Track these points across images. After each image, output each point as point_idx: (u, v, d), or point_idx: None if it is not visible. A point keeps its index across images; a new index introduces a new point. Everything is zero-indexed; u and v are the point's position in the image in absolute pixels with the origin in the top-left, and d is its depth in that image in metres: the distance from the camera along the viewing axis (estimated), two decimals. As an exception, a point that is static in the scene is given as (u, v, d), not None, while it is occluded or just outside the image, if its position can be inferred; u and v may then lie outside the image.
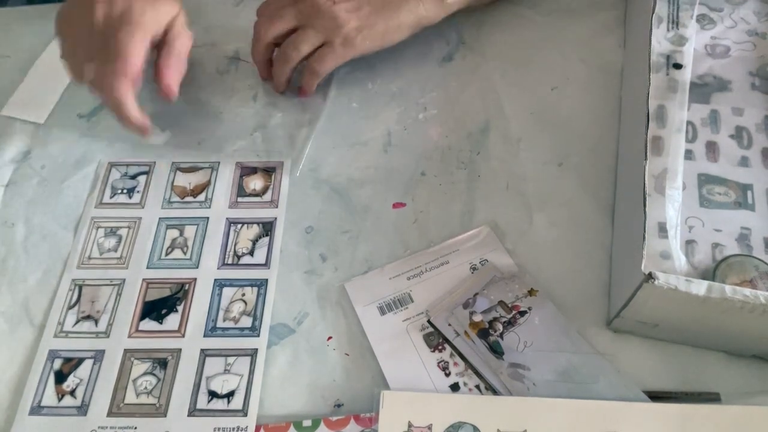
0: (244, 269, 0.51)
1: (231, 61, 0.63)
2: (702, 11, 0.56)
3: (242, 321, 0.48)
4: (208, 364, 0.46)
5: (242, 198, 0.55)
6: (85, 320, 0.49)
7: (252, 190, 0.55)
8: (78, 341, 0.48)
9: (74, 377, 0.46)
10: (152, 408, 0.45)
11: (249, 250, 0.52)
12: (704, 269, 0.44)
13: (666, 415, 0.41)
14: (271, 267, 0.51)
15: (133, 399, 0.45)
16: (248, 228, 0.53)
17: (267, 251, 0.51)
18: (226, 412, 0.44)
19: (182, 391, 0.45)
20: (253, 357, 0.46)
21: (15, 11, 0.70)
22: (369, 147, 0.57)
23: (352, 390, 0.45)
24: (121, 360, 0.47)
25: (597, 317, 0.47)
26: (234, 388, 0.45)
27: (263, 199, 0.54)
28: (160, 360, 0.47)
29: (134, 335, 0.48)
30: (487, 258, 0.50)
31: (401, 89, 0.60)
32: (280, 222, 0.53)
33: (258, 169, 0.56)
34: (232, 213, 0.53)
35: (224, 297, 0.49)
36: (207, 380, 0.46)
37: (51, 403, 0.45)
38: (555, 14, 0.63)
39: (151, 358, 0.47)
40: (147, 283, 0.50)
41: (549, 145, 0.56)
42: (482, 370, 0.44)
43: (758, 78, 0.52)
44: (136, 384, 0.46)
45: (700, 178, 0.48)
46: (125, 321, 0.49)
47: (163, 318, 0.49)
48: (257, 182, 0.55)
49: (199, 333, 0.48)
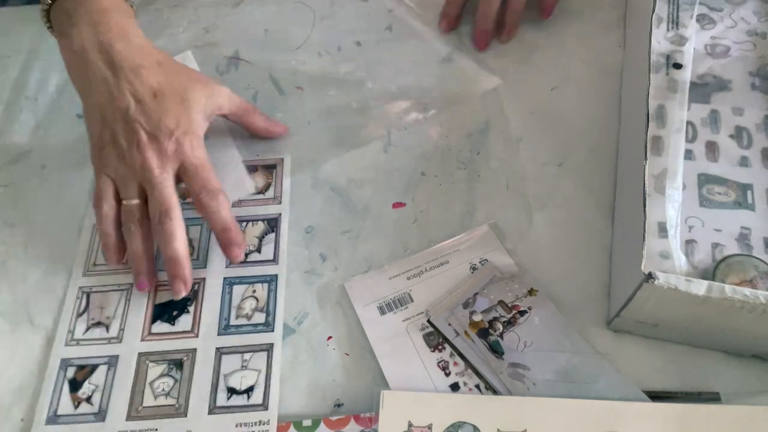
0: (252, 266, 0.51)
1: (231, 61, 0.63)
2: (702, 11, 0.56)
3: (255, 317, 0.48)
4: (225, 362, 0.46)
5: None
6: (95, 327, 0.48)
7: (254, 188, 0.55)
8: (90, 348, 0.47)
9: (89, 384, 0.46)
10: (172, 409, 0.45)
11: (256, 247, 0.52)
12: (704, 269, 0.44)
13: (666, 415, 0.41)
14: (280, 263, 0.51)
15: (152, 401, 0.45)
16: (253, 225, 0.53)
17: (274, 247, 0.52)
18: (247, 408, 0.45)
19: (201, 390, 0.45)
20: (269, 352, 0.47)
21: (15, 11, 0.70)
22: (369, 147, 0.57)
23: (352, 390, 0.45)
24: (136, 364, 0.47)
25: (597, 317, 0.47)
26: (252, 383, 0.45)
27: (266, 196, 0.54)
28: (176, 361, 0.47)
29: (147, 338, 0.48)
30: (487, 258, 0.50)
31: (401, 89, 0.60)
32: (285, 217, 0.53)
33: (258, 166, 0.56)
34: (236, 211, 0.53)
35: (235, 295, 0.49)
36: (225, 378, 0.46)
37: (68, 411, 0.45)
38: (555, 14, 0.63)
39: (167, 360, 0.47)
40: (156, 285, 0.50)
41: (549, 145, 0.56)
42: (482, 369, 0.44)
43: (758, 78, 0.52)
44: (153, 386, 0.46)
45: (700, 178, 0.48)
46: (137, 325, 0.48)
47: (174, 320, 0.48)
48: (259, 180, 0.55)
49: (213, 332, 0.48)
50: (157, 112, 0.48)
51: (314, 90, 0.60)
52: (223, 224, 0.49)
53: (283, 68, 0.62)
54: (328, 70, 0.62)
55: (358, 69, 0.61)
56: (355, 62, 0.61)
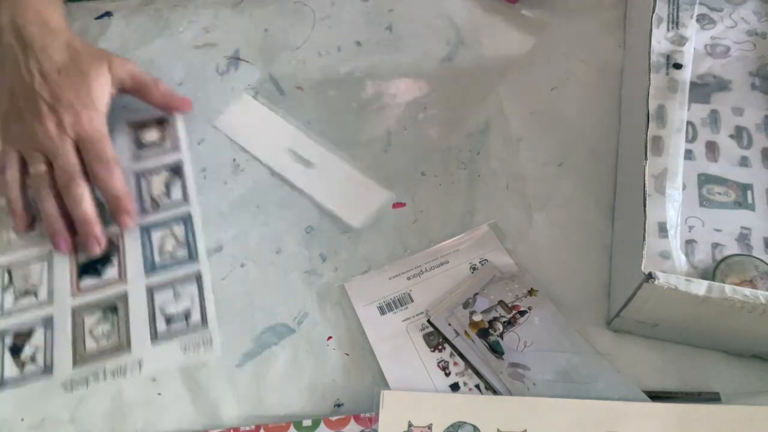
0: (165, 211, 0.53)
1: (231, 61, 0.63)
2: (702, 11, 0.56)
3: (178, 253, 0.51)
4: (157, 297, 0.49)
5: (142, 150, 0.56)
6: (23, 297, 0.50)
7: (150, 141, 0.57)
8: (23, 315, 0.49)
9: (29, 347, 0.48)
10: (115, 347, 0.47)
11: (165, 192, 0.54)
12: (704, 269, 0.44)
13: (666, 415, 0.41)
14: (191, 201, 0.53)
15: (94, 346, 0.47)
16: (157, 175, 0.55)
17: (182, 188, 0.54)
18: (188, 330, 0.48)
19: (140, 325, 0.48)
20: (198, 279, 0.50)
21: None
22: (369, 147, 0.57)
23: (352, 390, 0.45)
24: (71, 319, 0.48)
25: (597, 317, 0.47)
26: (189, 306, 0.49)
27: (163, 147, 0.56)
28: (110, 306, 0.49)
29: (78, 294, 0.49)
30: (487, 258, 0.50)
31: (401, 89, 0.60)
32: (187, 162, 0.55)
33: (148, 121, 0.58)
34: (136, 165, 0.55)
35: (154, 239, 0.52)
36: (161, 309, 0.49)
37: (14, 374, 0.47)
38: (555, 14, 0.63)
39: (101, 307, 0.49)
40: (74, 245, 0.51)
41: (549, 145, 0.56)
42: (482, 369, 0.44)
43: (758, 78, 0.52)
44: (93, 333, 0.48)
45: (700, 178, 0.48)
46: (64, 285, 0.50)
47: (101, 272, 0.50)
48: (152, 133, 0.57)
49: (140, 274, 0.50)
50: (60, 86, 0.51)
51: (314, 90, 0.60)
52: (114, 192, 0.51)
53: (283, 68, 0.62)
54: (328, 70, 0.62)
55: (358, 69, 0.61)
56: (355, 62, 0.61)
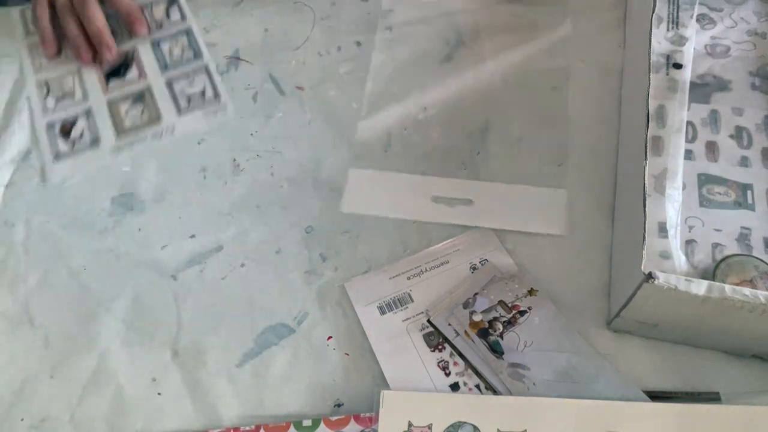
0: (167, 29, 0.63)
1: (231, 61, 0.63)
2: (702, 11, 0.56)
3: (185, 55, 0.62)
4: (176, 85, 0.60)
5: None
6: (62, 99, 0.60)
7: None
8: (65, 111, 0.59)
9: (76, 129, 0.58)
10: (148, 120, 0.58)
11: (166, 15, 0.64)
12: (704, 269, 0.44)
13: (666, 415, 0.41)
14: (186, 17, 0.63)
15: (131, 122, 0.58)
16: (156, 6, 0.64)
17: (179, 10, 0.64)
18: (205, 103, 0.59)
19: (166, 105, 0.59)
20: (206, 69, 0.61)
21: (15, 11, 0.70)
22: (369, 147, 0.57)
23: (352, 390, 0.45)
24: (107, 108, 0.59)
25: (597, 317, 0.47)
26: (203, 87, 0.60)
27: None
28: (138, 96, 0.60)
29: (108, 92, 0.60)
30: (487, 258, 0.50)
31: (401, 89, 0.60)
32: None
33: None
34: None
35: (164, 48, 0.62)
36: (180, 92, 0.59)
37: (66, 149, 0.57)
38: (555, 14, 0.63)
39: (130, 98, 0.59)
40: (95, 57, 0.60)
41: (549, 145, 0.56)
42: (482, 369, 0.44)
43: (758, 78, 0.52)
44: (129, 114, 0.58)
45: (700, 178, 0.48)
46: (95, 86, 0.60)
47: (124, 75, 0.61)
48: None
49: (158, 73, 0.61)
50: None
51: (314, 90, 0.60)
52: (126, 9, 0.61)
53: (283, 68, 0.62)
54: (328, 70, 0.62)
55: (358, 69, 0.61)
56: (355, 62, 0.61)
